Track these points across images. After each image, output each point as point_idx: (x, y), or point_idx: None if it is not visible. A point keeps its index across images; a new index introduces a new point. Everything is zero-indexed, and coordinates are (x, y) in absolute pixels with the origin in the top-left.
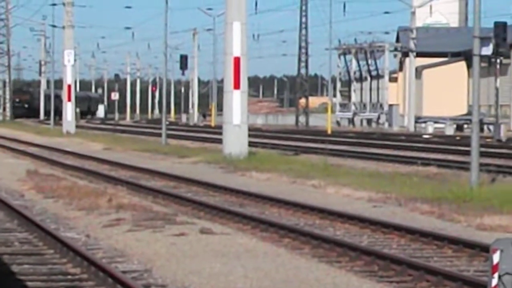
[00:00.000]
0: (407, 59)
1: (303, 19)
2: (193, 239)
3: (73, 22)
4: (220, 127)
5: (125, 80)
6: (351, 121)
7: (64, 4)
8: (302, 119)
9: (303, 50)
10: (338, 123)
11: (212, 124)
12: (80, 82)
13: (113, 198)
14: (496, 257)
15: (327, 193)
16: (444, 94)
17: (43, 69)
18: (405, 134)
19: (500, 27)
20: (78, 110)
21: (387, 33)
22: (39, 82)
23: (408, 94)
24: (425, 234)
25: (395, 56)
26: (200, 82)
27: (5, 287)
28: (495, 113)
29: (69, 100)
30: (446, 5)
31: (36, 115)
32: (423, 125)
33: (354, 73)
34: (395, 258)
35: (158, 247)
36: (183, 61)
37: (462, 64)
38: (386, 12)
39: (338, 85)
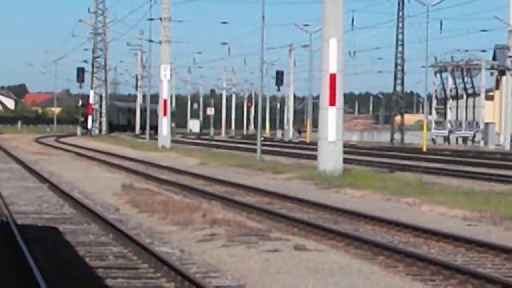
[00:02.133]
0: (503, 77)
1: (400, 36)
2: (287, 255)
3: (169, 37)
4: (315, 143)
5: (221, 95)
6: (446, 139)
7: (161, 19)
8: (397, 136)
9: (399, 67)
10: (433, 140)
11: (307, 140)
12: (176, 97)
13: (208, 213)
14: None
15: (421, 211)
16: None
17: (139, 83)
18: (501, 153)
19: None
20: (173, 125)
21: (483, 51)
22: (135, 97)
23: (504, 113)
24: None
25: (491, 74)
26: (295, 98)
27: None
28: None
29: (165, 114)
30: None
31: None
32: None
33: (450, 90)
34: (490, 277)
35: (251, 263)
36: (279, 77)
37: None
38: (483, 30)
39: (434, 102)
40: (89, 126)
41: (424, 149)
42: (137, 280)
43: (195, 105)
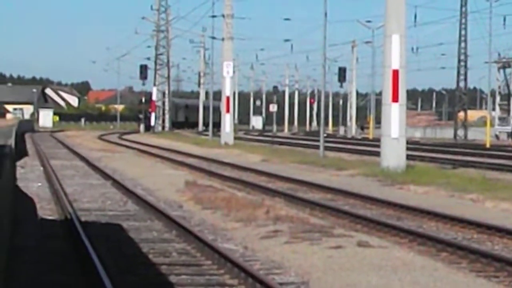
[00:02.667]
0: None
1: (463, 32)
2: (350, 252)
3: (232, 34)
4: (378, 140)
5: (284, 92)
6: (510, 135)
7: (223, 16)
8: (460, 132)
9: (462, 63)
10: (497, 136)
11: (370, 136)
12: (239, 93)
13: (271, 210)
14: None
15: (485, 207)
16: None
17: (202, 80)
18: None
19: None
20: (236, 122)
21: None
22: (198, 94)
23: None
24: None
25: None
26: (358, 94)
27: None
28: None
29: (228, 111)
30: None
31: (179, 125)
32: None
33: None
34: None
35: (315, 260)
36: (342, 73)
37: None
38: None
39: (498, 98)
40: (152, 123)
41: (488, 145)
42: (200, 277)
43: (258, 102)
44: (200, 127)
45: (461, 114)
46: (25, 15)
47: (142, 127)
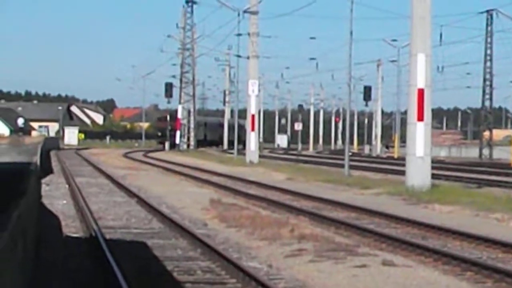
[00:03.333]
0: None
1: (488, 51)
2: (375, 271)
3: (257, 52)
4: (403, 158)
5: (309, 110)
6: None
7: (249, 34)
8: (485, 151)
9: (488, 82)
10: None
11: (395, 155)
12: (264, 112)
13: (295, 228)
14: None
15: (510, 226)
16: None
17: (227, 98)
18: None
19: None
20: (261, 140)
21: None
22: (223, 112)
23: None
24: None
25: None
26: (383, 113)
27: None
28: None
29: (253, 130)
30: None
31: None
32: None
33: None
34: None
35: (339, 279)
36: (367, 92)
37: None
38: None
39: None
40: (177, 141)
41: None
42: None
43: (283, 120)
44: (225, 145)
45: (487, 133)
46: (51, 32)
47: (167, 145)
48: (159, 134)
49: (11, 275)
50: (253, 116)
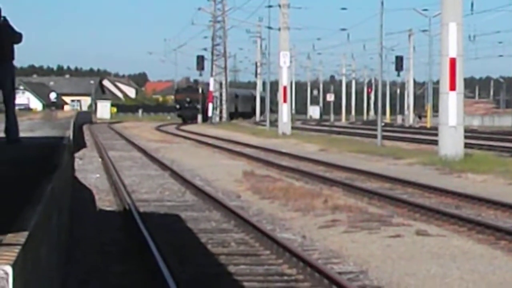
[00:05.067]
0: None
1: None
2: (409, 241)
3: (288, 23)
4: (435, 128)
5: (341, 81)
6: None
7: (280, 6)
8: None
9: None
10: None
11: (428, 125)
12: (296, 83)
13: (329, 199)
14: None
15: None
16: None
17: (258, 70)
18: None
19: None
20: (294, 112)
21: None
22: (255, 84)
23: None
24: None
25: None
26: (415, 83)
27: (222, 286)
28: None
29: (285, 101)
30: None
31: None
32: None
33: None
34: None
35: (373, 249)
36: (399, 62)
37: None
38: None
39: None
40: (210, 113)
41: None
42: (259, 267)
43: (315, 92)
44: (258, 117)
45: None
46: (83, 7)
47: (199, 117)
48: (178, 107)
49: (46, 249)
50: (285, 87)
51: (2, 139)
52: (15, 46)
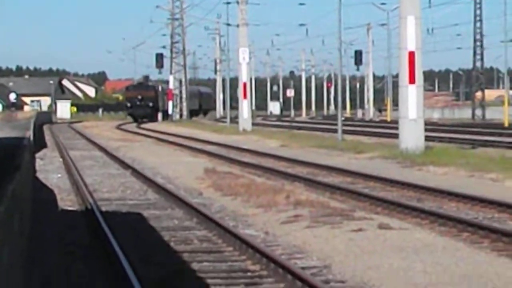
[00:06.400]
0: None
1: (478, 12)
2: (371, 235)
3: (247, 20)
4: (396, 122)
5: (300, 76)
6: None
7: (238, 2)
8: (478, 112)
9: (478, 43)
10: None
11: (388, 119)
12: (256, 79)
13: (291, 195)
14: None
15: (505, 186)
16: None
17: (218, 67)
18: None
19: None
20: (254, 108)
21: None
22: (214, 81)
23: None
24: None
25: None
26: (375, 77)
27: (185, 284)
28: None
29: (245, 97)
30: None
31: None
32: None
33: None
34: None
35: (336, 243)
36: (358, 57)
37: None
38: None
39: None
40: (170, 111)
41: (506, 125)
42: (222, 264)
43: (275, 87)
44: (218, 114)
45: (479, 94)
46: (40, 6)
47: (160, 115)
48: (128, 105)
49: (8, 249)
50: (244, 84)
51: None
52: None
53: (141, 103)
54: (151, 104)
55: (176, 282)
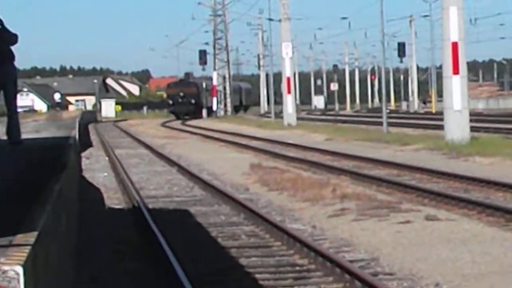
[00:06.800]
0: None
1: None
2: (419, 226)
3: (289, 14)
4: (441, 113)
5: (344, 70)
6: None
7: None
8: None
9: None
10: None
11: (433, 110)
12: (299, 74)
13: (337, 188)
14: None
15: None
16: None
17: (261, 62)
18: None
19: None
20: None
21: None
22: (258, 76)
23: None
24: None
25: None
26: (418, 69)
27: (234, 279)
28: None
29: (289, 92)
30: None
31: (201, 113)
32: None
33: None
34: None
35: (384, 236)
36: (401, 49)
37: None
38: None
39: None
40: (214, 107)
41: None
42: (270, 258)
43: (319, 81)
44: (262, 109)
45: None
46: (82, 5)
47: (204, 112)
48: (170, 102)
49: (56, 248)
50: (288, 78)
51: (5, 141)
52: (14, 47)
53: (183, 100)
54: (193, 101)
55: (225, 278)
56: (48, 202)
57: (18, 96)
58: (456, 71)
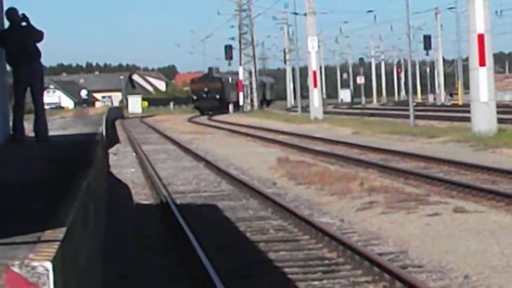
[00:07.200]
0: None
1: None
2: (447, 219)
3: (314, 8)
4: (467, 105)
5: (370, 63)
6: None
7: None
8: None
9: None
10: None
11: (460, 102)
12: (325, 68)
13: (365, 182)
14: None
15: None
16: None
17: (287, 57)
18: None
19: None
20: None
21: None
22: (284, 71)
23: None
24: None
25: None
26: (444, 61)
27: (264, 273)
28: None
29: (315, 86)
30: None
31: (226, 109)
32: None
33: None
34: None
35: (412, 228)
36: (427, 41)
37: None
38: None
39: None
40: (241, 102)
41: None
42: (299, 252)
43: (345, 75)
44: (289, 103)
45: None
46: (109, 3)
47: (231, 107)
48: (194, 98)
49: (85, 244)
50: (314, 72)
51: (32, 138)
52: (40, 45)
53: (207, 95)
54: (217, 96)
55: (254, 272)
56: (76, 198)
57: (45, 93)
58: (482, 63)
